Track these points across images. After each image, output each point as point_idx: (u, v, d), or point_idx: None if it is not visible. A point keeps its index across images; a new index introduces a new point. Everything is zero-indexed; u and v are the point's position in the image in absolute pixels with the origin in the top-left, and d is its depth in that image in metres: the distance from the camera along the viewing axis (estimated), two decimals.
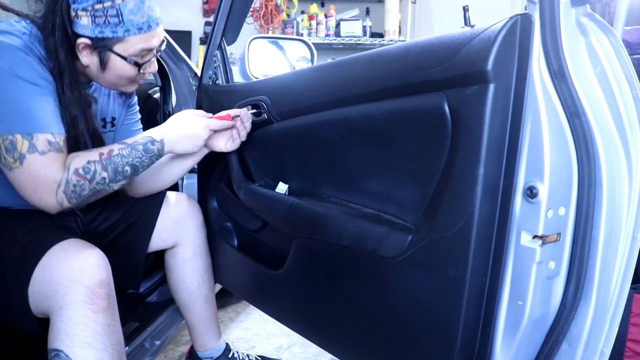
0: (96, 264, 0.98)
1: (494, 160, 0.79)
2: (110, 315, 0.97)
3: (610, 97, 0.76)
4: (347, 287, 1.03)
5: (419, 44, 0.89)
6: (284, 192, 1.21)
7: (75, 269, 0.96)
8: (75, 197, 1.06)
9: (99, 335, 0.94)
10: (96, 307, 0.94)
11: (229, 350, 1.54)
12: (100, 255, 1.01)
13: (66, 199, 1.05)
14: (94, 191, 1.08)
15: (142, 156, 1.15)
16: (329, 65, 1.10)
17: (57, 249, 1.01)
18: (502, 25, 0.76)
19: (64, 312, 0.93)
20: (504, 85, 0.77)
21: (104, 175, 1.09)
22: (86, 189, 1.07)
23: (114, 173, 1.10)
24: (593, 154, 0.76)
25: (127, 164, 1.12)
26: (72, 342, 0.92)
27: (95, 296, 0.95)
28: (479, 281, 0.82)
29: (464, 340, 0.83)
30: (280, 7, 4.05)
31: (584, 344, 0.80)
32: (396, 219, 0.94)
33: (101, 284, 0.96)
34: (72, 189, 1.05)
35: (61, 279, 0.95)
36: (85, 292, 0.94)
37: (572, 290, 0.80)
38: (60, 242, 1.02)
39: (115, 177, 1.11)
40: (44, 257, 1.00)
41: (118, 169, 1.11)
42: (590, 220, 0.77)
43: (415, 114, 0.89)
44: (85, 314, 0.93)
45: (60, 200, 1.05)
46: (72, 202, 1.06)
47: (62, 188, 1.04)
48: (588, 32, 0.75)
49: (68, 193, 1.05)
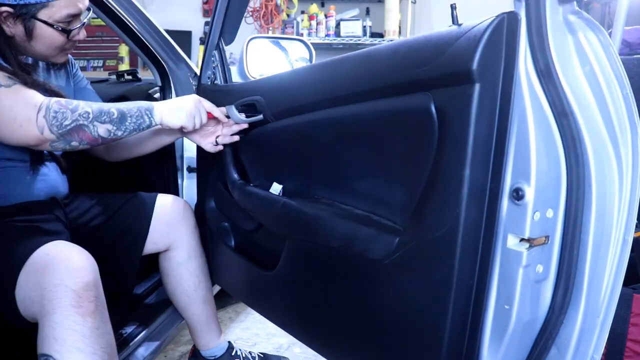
0: (82, 267, 0.96)
1: (481, 162, 0.77)
2: (99, 318, 0.95)
3: (600, 96, 0.74)
4: (336, 289, 1.02)
5: (407, 43, 0.87)
6: (277, 192, 1.20)
7: (60, 273, 0.94)
8: (57, 125, 1.02)
9: (87, 339, 0.92)
10: (83, 311, 0.93)
11: (232, 348, 1.54)
12: (86, 257, 0.99)
13: (47, 125, 1.01)
14: (76, 123, 1.04)
15: (131, 106, 1.12)
16: (322, 65, 1.09)
17: (40, 253, 0.99)
18: (488, 24, 0.75)
19: (51, 317, 0.92)
20: (490, 84, 0.75)
21: (87, 109, 1.05)
22: (68, 118, 1.02)
23: (98, 110, 1.07)
24: (582, 155, 0.74)
25: (113, 106, 1.09)
26: (60, 347, 0.91)
27: (82, 299, 0.93)
28: (465, 284, 0.80)
29: (451, 343, 0.82)
30: (280, 7, 4.04)
31: (573, 349, 0.78)
32: (386, 221, 0.93)
33: (87, 287, 0.94)
34: (53, 115, 1.01)
35: (46, 283, 0.94)
36: (71, 295, 0.92)
37: (560, 294, 0.78)
38: (43, 245, 1.00)
39: (100, 115, 1.06)
40: (27, 261, 0.98)
41: (104, 108, 1.07)
42: (579, 222, 0.75)
43: (403, 115, 0.87)
44: (72, 318, 0.92)
45: (41, 126, 1.00)
46: (52, 130, 1.02)
47: (42, 113, 1.00)
48: (576, 30, 0.73)
49: (49, 119, 1.01)
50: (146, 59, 1.77)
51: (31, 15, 1.08)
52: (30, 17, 1.08)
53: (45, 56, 1.18)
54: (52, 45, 1.14)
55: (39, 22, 1.09)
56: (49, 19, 1.09)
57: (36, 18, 1.08)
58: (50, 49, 1.15)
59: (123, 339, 1.39)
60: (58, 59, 1.21)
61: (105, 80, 2.10)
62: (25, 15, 1.08)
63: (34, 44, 1.12)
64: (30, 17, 1.08)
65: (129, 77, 2.00)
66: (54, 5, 1.09)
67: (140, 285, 1.64)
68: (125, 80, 2.00)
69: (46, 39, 1.12)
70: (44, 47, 1.14)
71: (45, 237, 1.04)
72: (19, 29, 1.10)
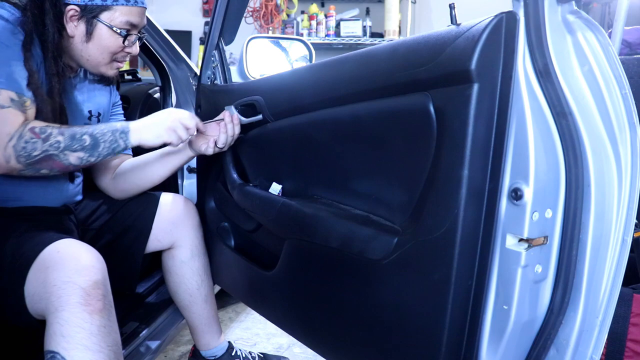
0: (91, 265, 0.97)
1: (479, 162, 0.77)
2: (106, 316, 0.96)
3: (599, 96, 0.74)
4: (335, 289, 1.02)
5: (406, 43, 0.87)
6: (277, 192, 1.20)
7: (69, 270, 0.95)
8: (25, 156, 1.02)
9: (94, 336, 0.93)
10: (91, 309, 0.93)
11: (232, 348, 1.54)
12: (95, 256, 0.99)
13: (14, 155, 1.02)
14: (45, 154, 1.04)
15: (105, 130, 1.11)
16: (321, 65, 1.09)
17: (50, 250, 1.00)
18: (487, 24, 0.75)
19: (59, 314, 0.92)
20: (488, 84, 0.75)
21: (59, 138, 1.05)
22: (37, 149, 1.03)
23: (70, 139, 1.06)
24: (581, 155, 0.74)
25: (86, 133, 1.09)
26: (68, 344, 0.91)
27: (91, 297, 0.93)
28: (464, 285, 0.80)
29: (450, 344, 0.81)
30: (280, 7, 4.04)
31: (572, 350, 0.78)
32: (384, 221, 0.93)
33: (96, 285, 0.95)
34: (22, 145, 1.02)
35: (55, 280, 0.94)
36: (80, 293, 0.93)
37: (559, 295, 0.78)
38: (53, 242, 1.01)
39: (71, 144, 1.06)
40: (37, 258, 0.99)
41: (76, 135, 1.07)
42: (578, 223, 0.75)
43: (402, 115, 0.87)
44: (80, 316, 0.92)
45: (8, 156, 1.01)
46: (20, 160, 1.02)
47: (12, 142, 1.01)
48: (575, 30, 0.73)
49: (18, 149, 1.01)
50: (146, 59, 1.77)
51: (94, 16, 1.14)
52: (92, 18, 1.14)
53: (97, 62, 1.21)
54: (107, 49, 1.19)
55: (100, 24, 1.15)
56: (110, 21, 1.16)
57: (98, 19, 1.15)
58: (104, 52, 1.19)
59: (123, 339, 1.38)
60: (108, 70, 1.24)
61: None
62: (89, 15, 1.14)
63: (90, 46, 1.17)
64: (93, 17, 1.14)
65: (129, 77, 2.00)
66: (116, 10, 1.16)
67: (141, 284, 1.65)
68: (125, 80, 2.00)
69: (103, 41, 1.17)
70: (99, 50, 1.18)
71: (55, 235, 1.04)
72: (80, 29, 1.15)
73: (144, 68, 3.72)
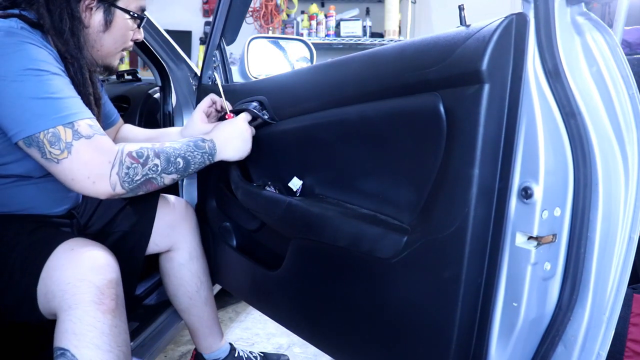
0: (106, 264, 0.97)
1: (489, 161, 0.78)
2: (118, 316, 0.96)
3: (607, 96, 0.75)
4: (343, 288, 1.03)
5: (415, 44, 0.88)
6: (297, 187, 1.19)
7: (84, 268, 0.95)
8: (128, 182, 1.03)
9: (105, 336, 0.92)
10: (104, 308, 0.93)
11: (234, 350, 1.54)
12: (110, 255, 1.00)
13: (119, 181, 1.02)
14: (146, 177, 1.06)
15: (194, 151, 1.13)
16: (326, 65, 1.10)
17: (64, 248, 0.99)
18: (497, 25, 0.76)
19: (72, 312, 0.92)
20: (499, 85, 0.76)
21: (157, 162, 1.07)
22: (139, 174, 1.04)
23: (166, 162, 1.08)
24: (589, 154, 0.75)
25: (179, 155, 1.10)
26: (79, 342, 0.91)
27: (104, 296, 0.93)
28: (474, 282, 0.81)
29: (460, 341, 0.82)
30: (280, 7, 4.04)
31: (580, 346, 0.79)
32: (392, 220, 0.94)
33: (110, 284, 0.95)
34: (125, 172, 1.03)
35: (70, 278, 0.94)
36: (94, 292, 0.93)
37: (567, 292, 0.79)
38: (66, 240, 1.01)
39: (167, 167, 1.08)
40: (51, 255, 0.98)
41: (170, 158, 1.09)
42: (586, 221, 0.77)
43: (411, 115, 0.88)
44: (93, 314, 0.92)
45: (114, 183, 1.02)
46: (124, 186, 1.03)
47: (115, 170, 1.02)
48: (584, 31, 0.75)
49: (121, 175, 1.02)
50: (146, 59, 1.76)
51: (111, 3, 1.14)
52: (109, 5, 1.14)
53: (108, 51, 1.20)
54: (122, 39, 1.19)
55: (118, 11, 1.15)
56: (127, 6, 1.16)
57: (115, 5, 1.15)
58: (118, 42, 1.19)
59: None
60: (115, 59, 1.24)
61: (105, 80, 2.09)
62: (106, 4, 1.13)
63: (106, 37, 1.16)
64: (110, 4, 1.14)
65: (129, 77, 2.00)
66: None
67: (140, 285, 1.64)
68: (125, 80, 1.99)
69: (120, 29, 1.17)
70: (114, 40, 1.18)
71: (66, 234, 1.04)
72: (96, 18, 1.14)
73: (144, 68, 3.71)
